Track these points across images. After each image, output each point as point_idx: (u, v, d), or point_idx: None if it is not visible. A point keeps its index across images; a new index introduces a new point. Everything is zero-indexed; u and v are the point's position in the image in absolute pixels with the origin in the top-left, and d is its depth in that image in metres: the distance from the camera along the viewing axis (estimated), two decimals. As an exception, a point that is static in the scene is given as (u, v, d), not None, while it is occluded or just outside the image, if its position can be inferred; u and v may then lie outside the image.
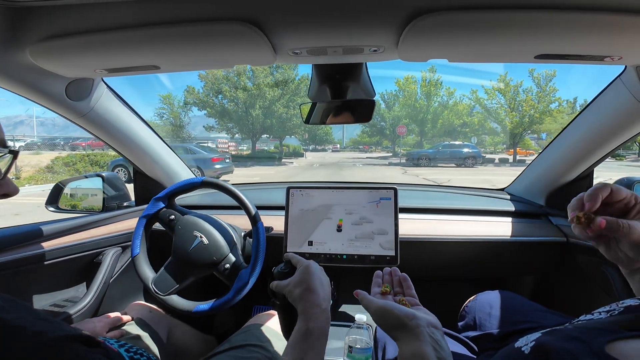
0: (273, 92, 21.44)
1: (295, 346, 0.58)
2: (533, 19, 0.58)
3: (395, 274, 0.72)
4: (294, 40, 0.72)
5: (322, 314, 0.62)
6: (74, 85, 0.95)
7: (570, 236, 1.17)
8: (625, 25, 0.57)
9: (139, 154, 1.32)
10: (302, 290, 0.65)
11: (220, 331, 1.50)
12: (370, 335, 0.86)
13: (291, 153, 28.07)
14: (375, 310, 0.58)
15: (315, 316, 0.61)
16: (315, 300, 0.63)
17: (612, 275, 1.00)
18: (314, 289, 0.65)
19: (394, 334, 0.55)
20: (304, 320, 0.61)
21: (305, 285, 0.66)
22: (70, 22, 0.69)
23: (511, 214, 1.30)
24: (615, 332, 0.36)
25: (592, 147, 1.07)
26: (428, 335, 0.51)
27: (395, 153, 29.32)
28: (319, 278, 0.69)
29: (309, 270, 0.69)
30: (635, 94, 0.85)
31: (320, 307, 0.63)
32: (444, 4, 0.58)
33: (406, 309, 0.56)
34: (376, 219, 1.09)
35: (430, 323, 0.54)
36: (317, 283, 0.67)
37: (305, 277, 0.68)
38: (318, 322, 0.60)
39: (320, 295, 0.65)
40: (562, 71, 33.78)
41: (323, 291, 0.67)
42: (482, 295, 1.01)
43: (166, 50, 0.76)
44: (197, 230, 1.03)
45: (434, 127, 27.24)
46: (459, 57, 0.78)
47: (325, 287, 0.68)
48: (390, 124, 28.83)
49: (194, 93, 22.42)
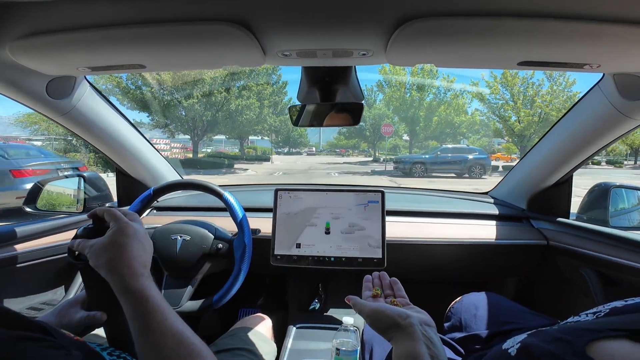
0: (215, 73, 14.75)
1: (132, 317, 0.47)
2: (516, 27, 0.60)
3: (384, 277, 0.73)
4: (284, 42, 0.72)
5: (142, 281, 0.50)
6: (55, 83, 0.92)
7: (550, 239, 1.20)
8: (603, 34, 0.59)
9: (122, 154, 1.28)
10: (112, 256, 0.50)
11: (205, 334, 1.47)
12: (357, 338, 0.86)
13: (253, 157, 23.72)
14: (368, 313, 0.58)
15: (135, 279, 0.49)
16: (132, 266, 0.50)
17: (590, 277, 1.03)
18: (129, 253, 0.51)
19: (388, 334, 0.56)
20: (120, 284, 0.49)
21: (117, 250, 0.51)
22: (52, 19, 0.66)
23: (494, 217, 1.33)
24: (598, 332, 0.37)
25: (571, 152, 1.10)
26: (421, 334, 0.52)
27: (375, 158, 26.42)
28: (139, 242, 0.54)
29: (126, 232, 0.53)
30: (613, 101, 0.88)
31: (138, 274, 0.50)
32: (430, 11, 0.59)
33: (398, 309, 0.57)
34: (364, 222, 1.10)
35: (422, 321, 0.55)
36: (135, 246, 0.52)
37: (118, 239, 0.52)
38: (140, 285, 0.49)
39: (139, 261, 0.52)
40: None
41: (145, 257, 0.54)
42: (468, 297, 1.02)
43: (153, 50, 0.75)
44: (172, 233, 1.04)
45: (427, 126, 21.69)
46: (446, 63, 0.80)
47: (148, 254, 0.55)
48: (371, 124, 24.36)
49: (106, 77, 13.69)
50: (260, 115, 17.76)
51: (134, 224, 0.55)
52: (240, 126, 17.93)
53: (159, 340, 0.46)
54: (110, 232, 0.53)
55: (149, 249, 0.56)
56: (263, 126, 19.30)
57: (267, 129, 20.29)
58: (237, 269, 1.00)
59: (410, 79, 21.20)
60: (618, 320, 0.39)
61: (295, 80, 14.99)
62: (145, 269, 0.52)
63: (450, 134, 22.85)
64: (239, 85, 16.75)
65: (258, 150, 27.68)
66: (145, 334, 0.46)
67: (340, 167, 19.50)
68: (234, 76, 15.81)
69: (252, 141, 29.57)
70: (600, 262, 1.01)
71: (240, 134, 21.04)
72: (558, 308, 1.22)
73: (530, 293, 1.38)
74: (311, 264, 1.09)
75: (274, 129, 21.55)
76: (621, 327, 0.36)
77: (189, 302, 1.00)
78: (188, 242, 1.03)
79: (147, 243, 0.56)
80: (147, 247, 0.56)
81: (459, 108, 21.34)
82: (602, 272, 1.02)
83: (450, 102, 21.20)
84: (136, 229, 0.54)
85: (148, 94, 15.14)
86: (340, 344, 0.83)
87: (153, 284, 0.51)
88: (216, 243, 1.04)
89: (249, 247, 1.02)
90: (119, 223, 0.54)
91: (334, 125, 0.98)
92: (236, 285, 1.00)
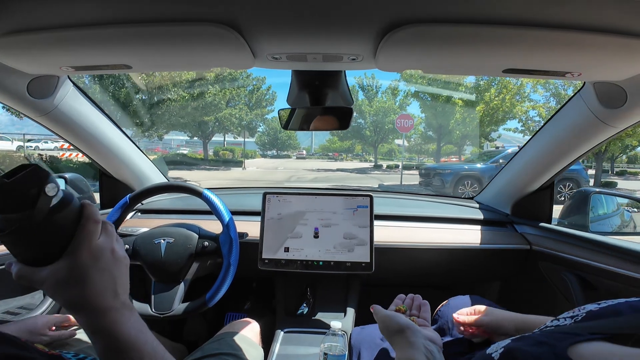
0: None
1: (103, 358, 0.41)
2: (501, 35, 0.61)
3: (417, 300, 0.78)
4: (274, 45, 0.72)
5: (111, 317, 0.41)
6: (37, 82, 0.90)
7: (533, 244, 1.23)
8: (583, 43, 0.62)
9: (106, 156, 1.25)
10: (71, 295, 0.40)
11: (191, 339, 1.45)
12: (345, 342, 0.86)
13: (221, 161, 19.58)
14: (380, 317, 0.64)
15: (102, 318, 0.41)
16: (97, 303, 0.41)
17: (571, 281, 1.06)
18: (92, 289, 0.40)
19: (393, 340, 0.60)
20: (86, 324, 0.41)
21: (76, 287, 0.40)
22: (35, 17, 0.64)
23: (480, 222, 1.35)
24: (578, 335, 0.39)
25: (553, 159, 1.13)
26: (423, 346, 0.55)
27: (376, 164, 22.10)
28: (105, 270, 0.42)
29: (84, 263, 0.41)
30: (593, 109, 0.91)
31: (105, 310, 0.41)
32: (418, 17, 0.60)
33: (408, 320, 0.62)
34: (352, 226, 1.10)
35: (428, 336, 0.59)
36: (99, 279, 0.41)
37: (76, 273, 0.40)
38: (109, 322, 0.41)
39: (107, 294, 0.42)
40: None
41: (116, 284, 0.43)
42: (454, 300, 1.04)
43: (139, 50, 0.73)
44: (154, 238, 1.03)
45: (467, 122, 14.93)
46: (433, 69, 0.81)
47: (121, 277, 0.44)
48: (372, 121, 19.45)
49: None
50: (218, 104, 14.31)
51: (98, 245, 0.42)
52: (196, 119, 13.88)
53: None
54: (66, 263, 0.40)
55: (123, 270, 0.45)
56: (232, 121, 15.98)
57: (235, 124, 16.68)
58: (227, 263, 0.99)
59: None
60: (596, 324, 0.41)
61: (279, 82, 14.69)
62: (117, 299, 0.42)
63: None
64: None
65: (236, 152, 23.79)
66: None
67: (332, 176, 15.40)
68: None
69: (240, 143, 25.93)
70: (580, 267, 1.04)
71: (203, 131, 16.48)
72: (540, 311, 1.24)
73: (514, 296, 1.40)
74: (299, 268, 1.09)
75: (247, 125, 18.35)
76: (599, 331, 0.38)
77: (182, 305, 0.99)
78: (172, 244, 1.02)
79: (119, 264, 0.44)
80: (120, 270, 0.44)
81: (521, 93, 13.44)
82: (583, 276, 1.05)
83: (507, 84, 13.15)
84: (99, 254, 0.42)
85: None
86: (328, 349, 0.83)
87: (127, 313, 0.43)
88: (202, 242, 1.03)
89: (235, 240, 1.01)
90: (81, 246, 0.41)
91: (323, 129, 0.98)
92: (227, 280, 0.99)
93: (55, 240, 0.40)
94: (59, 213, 0.39)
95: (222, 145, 25.69)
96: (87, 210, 0.43)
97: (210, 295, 0.98)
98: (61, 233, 0.40)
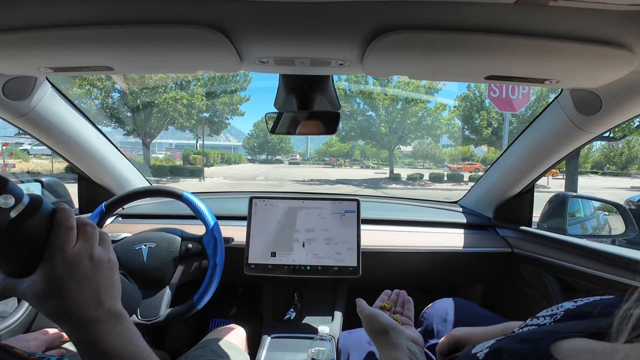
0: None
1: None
2: (483, 42, 0.63)
3: (402, 296, 0.79)
4: (261, 49, 0.72)
5: (94, 328, 0.39)
6: (13, 83, 0.86)
7: (514, 247, 1.26)
8: (560, 51, 0.64)
9: (85, 159, 1.22)
10: (52, 308, 0.38)
11: (174, 346, 1.41)
12: (333, 347, 0.86)
13: (167, 170, 15.06)
14: (365, 315, 0.64)
15: (85, 330, 0.39)
16: (78, 315, 0.38)
17: (551, 283, 1.09)
18: (72, 302, 0.38)
19: (376, 339, 0.60)
20: (69, 334, 0.39)
21: (56, 300, 0.37)
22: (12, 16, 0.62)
23: (463, 226, 1.38)
24: (560, 334, 0.41)
25: (533, 163, 1.17)
26: (405, 347, 0.56)
27: (392, 174, 16.87)
28: (87, 280, 0.39)
29: (61, 274, 0.38)
30: (570, 115, 0.95)
31: (87, 322, 0.39)
32: (404, 24, 0.61)
33: (392, 321, 0.62)
34: (340, 231, 1.10)
35: (411, 337, 0.59)
36: (79, 291, 0.38)
37: (55, 285, 0.37)
38: (92, 334, 0.39)
39: (89, 305, 0.39)
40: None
41: (99, 294, 0.40)
42: (439, 302, 1.05)
43: (122, 52, 0.72)
44: (135, 244, 1.00)
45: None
46: (418, 75, 0.83)
47: (108, 284, 0.41)
48: (385, 114, 14.72)
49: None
50: (161, 85, 10.87)
51: (74, 254, 0.39)
52: (124, 106, 10.13)
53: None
54: (42, 276, 0.37)
55: (106, 275, 0.41)
56: (179, 111, 11.53)
57: (184, 117, 12.13)
58: (213, 263, 0.98)
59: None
60: (575, 324, 0.43)
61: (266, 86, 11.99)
62: (100, 308, 0.39)
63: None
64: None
65: (212, 156, 19.63)
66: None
67: (329, 191, 9.80)
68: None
69: (229, 147, 22.22)
70: (559, 269, 1.07)
71: (138, 125, 12.03)
72: (520, 312, 1.28)
73: (496, 298, 1.43)
74: (286, 273, 1.08)
75: (210, 118, 13.35)
76: (579, 330, 0.40)
77: (170, 310, 0.96)
78: (154, 249, 0.99)
79: (101, 270, 0.41)
80: (103, 276, 0.41)
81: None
82: (561, 279, 1.08)
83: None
84: (75, 263, 0.38)
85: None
86: (315, 354, 0.82)
87: (113, 322, 0.40)
88: (185, 244, 1.01)
89: (220, 240, 0.99)
90: (54, 257, 0.38)
91: (310, 133, 0.99)
92: (215, 281, 0.97)
93: (26, 251, 0.37)
94: (25, 222, 0.36)
95: (195, 149, 19.19)
96: (58, 216, 0.39)
97: (198, 297, 0.96)
98: (31, 243, 0.37)
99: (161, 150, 33.24)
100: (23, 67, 0.80)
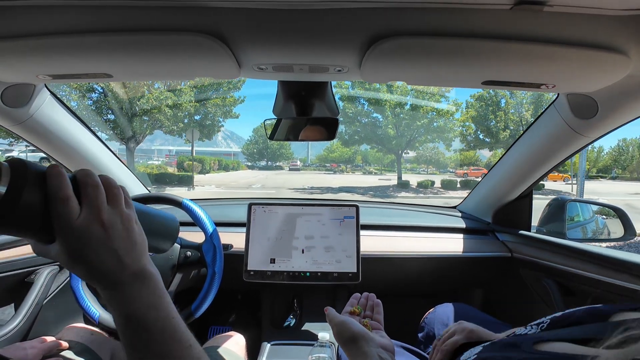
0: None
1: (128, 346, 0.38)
2: (480, 48, 0.64)
3: (371, 299, 0.76)
4: (260, 56, 0.72)
5: (133, 290, 0.38)
6: (12, 91, 0.86)
7: (514, 251, 1.26)
8: (556, 56, 0.65)
9: (83, 166, 1.21)
10: (79, 272, 0.37)
11: None
12: (333, 353, 0.85)
13: (153, 178, 14.00)
14: (335, 323, 0.62)
15: (121, 296, 0.38)
16: (102, 281, 0.38)
17: (552, 287, 1.09)
18: (94, 270, 0.37)
19: (346, 348, 0.59)
20: (114, 307, 0.39)
21: (79, 266, 0.37)
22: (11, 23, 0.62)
23: (462, 231, 1.38)
24: (543, 338, 0.43)
25: (531, 168, 1.17)
26: (376, 354, 0.55)
27: (401, 180, 15.62)
28: (108, 249, 0.37)
29: (78, 243, 0.36)
30: (567, 120, 0.95)
31: (123, 284, 0.38)
32: (401, 30, 0.62)
33: (362, 328, 0.60)
34: (339, 237, 1.10)
35: (382, 344, 0.58)
36: (100, 259, 0.37)
37: (74, 253, 0.36)
38: (134, 303, 0.38)
39: (113, 274, 0.38)
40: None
41: (123, 261, 0.38)
42: (440, 308, 1.04)
43: (121, 59, 0.72)
44: None
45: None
46: (416, 80, 0.83)
47: (134, 250, 0.39)
48: (393, 117, 13.94)
49: None
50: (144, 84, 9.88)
51: (81, 226, 0.35)
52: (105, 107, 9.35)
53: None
54: (61, 247, 0.36)
55: (125, 236, 0.38)
56: (165, 114, 10.65)
57: (170, 120, 11.31)
58: (211, 271, 0.97)
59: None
60: (561, 331, 0.44)
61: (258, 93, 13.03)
62: (124, 272, 0.38)
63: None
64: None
65: (207, 162, 18.76)
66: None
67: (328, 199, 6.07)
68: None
69: (230, 153, 21.04)
70: (559, 273, 1.07)
71: (120, 128, 11.04)
72: (520, 316, 1.27)
73: (495, 302, 1.43)
74: (286, 279, 1.07)
75: (200, 122, 12.43)
76: (563, 337, 0.41)
77: None
78: (153, 256, 0.98)
79: (118, 233, 0.38)
80: (121, 239, 0.38)
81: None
82: (562, 283, 1.08)
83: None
84: (86, 236, 0.36)
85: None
86: (315, 361, 0.82)
87: (138, 286, 0.38)
88: (184, 252, 1.00)
89: (219, 248, 0.99)
90: (63, 231, 0.35)
91: (309, 139, 0.99)
92: (213, 289, 0.97)
93: (35, 225, 0.35)
94: (18, 201, 0.33)
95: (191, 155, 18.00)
96: (49, 188, 0.35)
97: (196, 305, 0.95)
98: (33, 218, 0.34)
99: (161, 157, 33.02)
100: (22, 75, 0.80)
